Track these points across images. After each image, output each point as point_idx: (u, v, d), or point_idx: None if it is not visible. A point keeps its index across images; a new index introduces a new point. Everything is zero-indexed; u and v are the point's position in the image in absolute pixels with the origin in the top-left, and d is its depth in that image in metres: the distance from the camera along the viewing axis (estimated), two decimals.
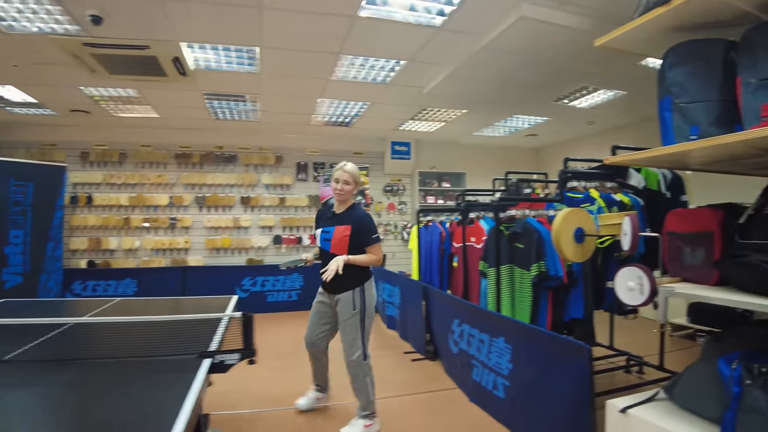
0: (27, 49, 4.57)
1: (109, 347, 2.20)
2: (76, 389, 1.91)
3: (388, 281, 6.55)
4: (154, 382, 1.94)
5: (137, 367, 2.11)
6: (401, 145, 8.47)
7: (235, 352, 2.25)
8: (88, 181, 7.71)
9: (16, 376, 1.97)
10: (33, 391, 1.83)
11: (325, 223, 3.33)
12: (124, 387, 1.90)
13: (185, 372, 1.97)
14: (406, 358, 5.13)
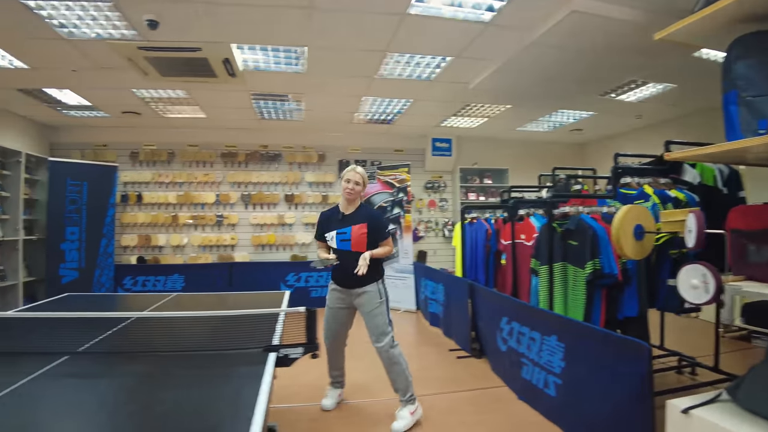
0: (85, 55, 4.78)
1: (176, 340, 2.26)
2: (152, 380, 1.98)
3: (432, 278, 6.58)
4: (227, 375, 1.99)
5: (206, 360, 2.17)
6: (442, 141, 8.48)
7: (299, 346, 2.29)
8: (138, 180, 8.01)
9: (91, 367, 2.06)
10: (110, 382, 1.90)
11: (338, 225, 3.42)
12: (197, 379, 1.96)
13: (253, 365, 2.02)
14: (450, 355, 5.14)
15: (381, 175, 7.71)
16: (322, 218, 3.58)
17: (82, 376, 1.94)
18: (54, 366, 2.01)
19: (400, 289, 7.53)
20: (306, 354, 2.34)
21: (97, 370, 2.02)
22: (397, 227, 7.52)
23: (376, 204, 7.72)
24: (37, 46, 4.60)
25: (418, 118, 7.38)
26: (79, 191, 7.14)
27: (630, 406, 2.69)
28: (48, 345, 2.20)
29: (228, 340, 2.32)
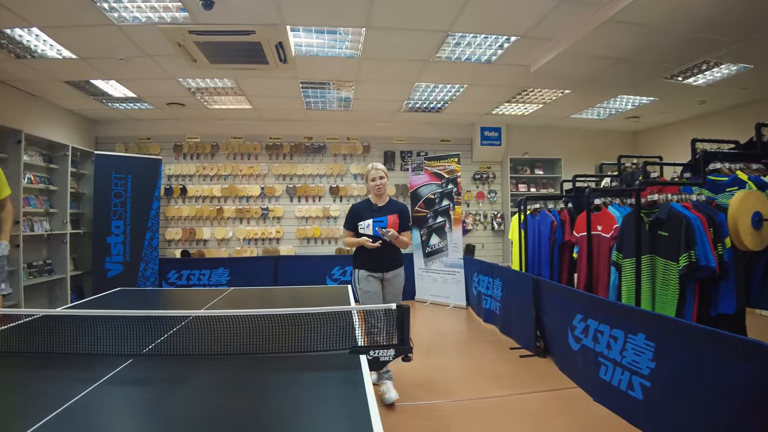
0: (134, 41, 4.70)
1: (246, 341, 2.06)
2: (229, 387, 1.81)
3: (487, 273, 6.32)
4: (316, 379, 1.81)
5: (291, 363, 1.97)
6: (491, 130, 8.18)
7: (390, 348, 2.09)
8: (182, 173, 7.98)
9: (158, 371, 1.90)
10: (183, 390, 1.73)
11: (374, 215, 3.85)
12: (283, 387, 1.76)
13: (344, 369, 1.85)
14: (512, 354, 4.89)
15: (429, 166, 7.48)
16: (355, 209, 3.97)
17: (149, 383, 1.78)
18: (118, 371, 1.84)
19: (450, 284, 7.31)
20: (398, 357, 2.13)
21: (164, 375, 1.86)
22: (446, 220, 7.29)
23: (424, 196, 7.51)
24: (86, 34, 4.54)
25: (469, 106, 7.11)
26: (123, 184, 7.14)
27: (743, 415, 2.41)
28: (108, 347, 2.04)
29: (307, 341, 2.10)
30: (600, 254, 4.29)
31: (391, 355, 2.09)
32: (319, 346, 2.08)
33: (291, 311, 2.25)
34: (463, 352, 5.08)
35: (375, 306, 2.32)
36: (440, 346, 5.29)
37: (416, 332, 5.95)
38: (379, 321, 2.27)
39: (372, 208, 3.88)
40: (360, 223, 3.82)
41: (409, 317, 2.16)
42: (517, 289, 5.33)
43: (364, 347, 2.09)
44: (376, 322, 2.29)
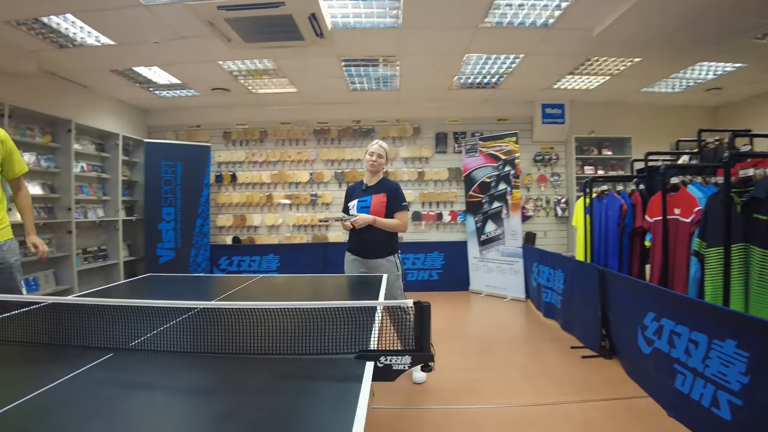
0: (165, 22, 4.50)
1: (238, 339, 1.72)
2: (199, 390, 1.47)
3: (548, 263, 5.69)
4: (306, 392, 1.41)
5: (279, 367, 1.60)
6: (553, 107, 7.40)
7: (406, 354, 1.62)
8: (232, 159, 7.87)
9: (135, 367, 1.60)
10: (145, 391, 1.43)
11: (360, 195, 3.61)
12: (257, 396, 1.41)
13: (342, 380, 1.45)
14: (574, 354, 4.31)
15: (483, 147, 6.89)
16: (347, 190, 3.80)
17: (116, 382, 1.46)
18: (89, 367, 1.54)
19: (507, 275, 6.72)
20: (416, 366, 1.68)
21: (137, 374, 1.55)
22: (503, 205, 6.69)
23: (478, 180, 6.94)
24: (118, 17, 4.39)
25: (527, 80, 6.42)
26: (173, 172, 7.09)
27: None
28: (91, 339, 1.76)
29: (308, 341, 1.69)
30: (678, 242, 3.60)
31: (407, 363, 1.61)
32: (318, 347, 1.67)
33: (291, 305, 1.85)
34: (518, 350, 4.55)
35: (388, 302, 1.90)
36: (493, 342, 4.79)
37: (468, 326, 5.48)
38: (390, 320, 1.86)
39: (361, 188, 3.68)
40: (350, 203, 3.67)
41: (430, 316, 1.70)
42: (580, 281, 4.71)
43: (375, 352, 1.64)
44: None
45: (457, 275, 7.29)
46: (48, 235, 5.75)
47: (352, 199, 3.65)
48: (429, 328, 1.68)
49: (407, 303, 1.76)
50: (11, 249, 2.96)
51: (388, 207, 3.51)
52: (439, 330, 5.24)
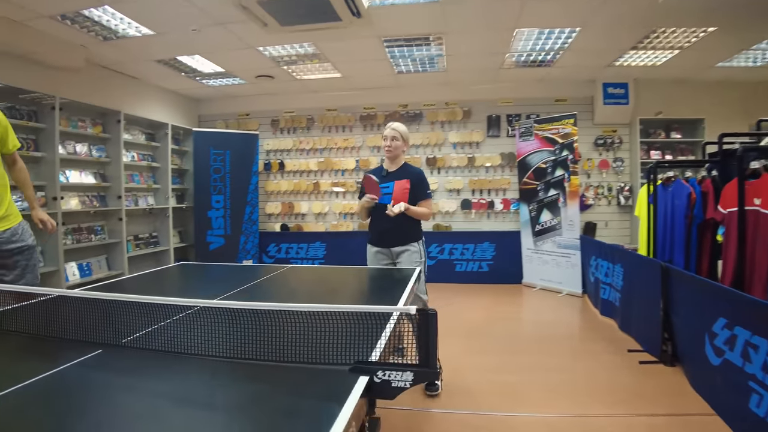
0: (199, 8, 4.36)
1: (231, 340, 1.55)
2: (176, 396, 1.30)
3: (606, 257, 5.14)
4: (277, 407, 1.21)
5: (260, 374, 1.41)
6: (616, 86, 6.67)
7: (407, 370, 1.33)
8: (280, 147, 7.79)
9: (118, 365, 1.48)
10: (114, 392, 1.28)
11: (381, 181, 3.31)
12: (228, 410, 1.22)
13: (323, 397, 1.21)
14: (630, 358, 3.82)
15: (539, 130, 6.35)
16: (365, 177, 3.44)
17: (96, 381, 1.35)
18: (73, 364, 1.44)
19: (563, 268, 6.20)
20: (419, 383, 1.36)
21: (116, 373, 1.42)
22: (560, 193, 6.15)
23: (533, 165, 6.41)
24: (152, 6, 4.32)
25: (585, 56, 5.79)
26: (222, 160, 7.09)
27: None
28: (86, 333, 1.67)
29: (298, 347, 1.46)
30: (757, 237, 3.04)
31: (408, 380, 1.32)
32: (308, 356, 1.44)
33: (282, 308, 1.59)
34: (565, 351, 4.09)
35: (384, 308, 1.59)
36: (538, 341, 4.38)
37: (514, 322, 5.06)
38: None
39: (381, 174, 3.40)
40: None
41: (436, 326, 1.39)
42: (641, 278, 4.18)
43: (372, 365, 1.37)
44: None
45: (508, 267, 6.82)
46: (100, 222, 5.87)
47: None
48: (435, 340, 1.38)
49: (410, 310, 1.46)
50: (26, 230, 2.91)
51: (413, 194, 3.29)
52: (481, 325, 4.91)
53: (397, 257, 3.31)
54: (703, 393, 3.09)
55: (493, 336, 4.50)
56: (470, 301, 5.94)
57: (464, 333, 4.62)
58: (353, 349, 1.42)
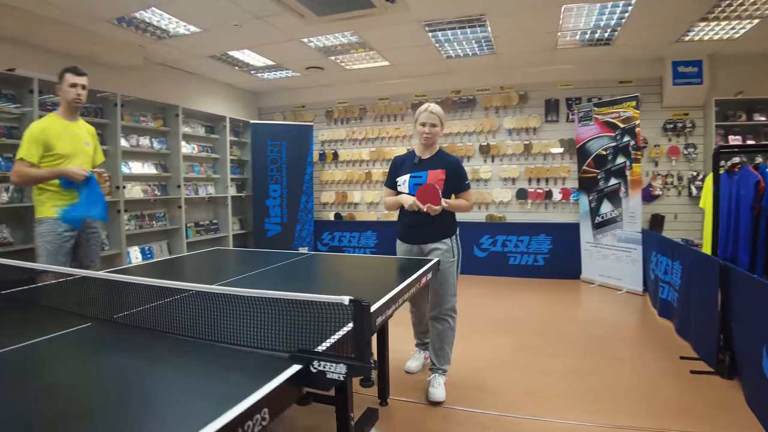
0: (236, 4, 4.38)
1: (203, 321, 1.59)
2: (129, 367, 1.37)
3: (666, 253, 4.58)
4: (201, 387, 1.22)
5: (203, 355, 1.42)
6: (687, 64, 5.87)
7: (341, 362, 1.26)
8: (334, 138, 7.79)
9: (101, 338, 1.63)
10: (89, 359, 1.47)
11: (412, 169, 2.99)
12: (160, 378, 1.29)
13: (248, 382, 1.16)
14: (681, 366, 3.37)
15: (599, 114, 5.78)
16: (394, 162, 3.15)
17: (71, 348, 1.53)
18: (65, 333, 1.62)
19: (623, 264, 5.65)
20: (353, 377, 1.33)
21: (101, 343, 1.59)
22: (621, 182, 5.58)
23: (593, 152, 5.87)
24: (193, 5, 4.42)
25: (648, 31, 5.13)
26: (278, 151, 7.21)
27: None
28: (85, 308, 1.84)
29: (249, 333, 1.44)
30: None
31: (342, 373, 1.26)
32: (257, 341, 1.41)
33: (235, 292, 1.59)
34: (611, 353, 3.67)
35: (317, 297, 1.46)
36: (585, 341, 3.99)
37: (562, 320, 4.65)
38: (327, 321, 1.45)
39: (413, 161, 3.01)
40: (398, 179, 3.04)
41: (370, 319, 1.35)
42: (698, 277, 3.68)
43: (310, 354, 1.31)
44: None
45: (566, 261, 6.32)
46: (161, 209, 6.14)
47: (401, 174, 3.03)
48: (370, 332, 1.38)
49: (342, 300, 1.38)
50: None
51: (450, 185, 2.93)
52: (525, 322, 4.56)
53: (428, 255, 2.98)
54: (757, 411, 2.64)
55: (536, 334, 4.17)
56: (520, 296, 5.61)
57: (505, 328, 4.34)
58: (297, 337, 1.37)
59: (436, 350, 3.05)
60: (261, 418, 1.07)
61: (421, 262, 2.82)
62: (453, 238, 3.00)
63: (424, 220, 2.90)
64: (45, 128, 3.08)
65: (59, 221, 3.10)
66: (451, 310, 3.03)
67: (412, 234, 3.03)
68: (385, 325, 2.77)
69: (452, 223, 3.03)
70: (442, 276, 2.94)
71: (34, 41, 4.70)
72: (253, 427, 1.03)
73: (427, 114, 2.93)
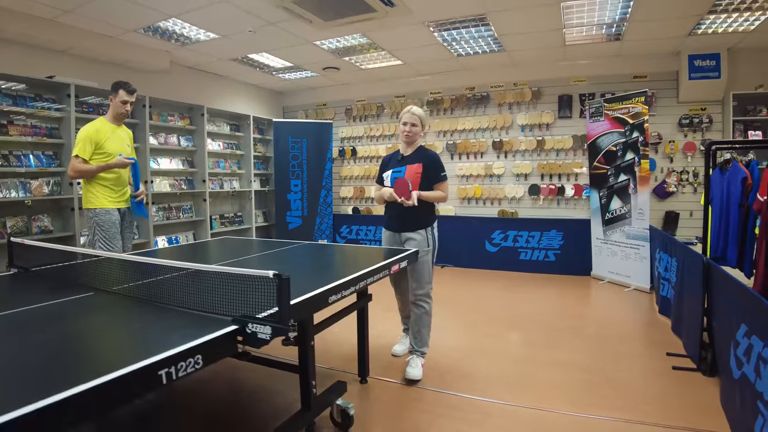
0: (246, 11, 4.58)
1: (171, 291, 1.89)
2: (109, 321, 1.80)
3: (666, 250, 4.47)
4: (152, 336, 1.57)
5: (162, 314, 1.75)
6: (704, 58, 5.63)
7: (267, 325, 1.51)
8: (353, 135, 7.92)
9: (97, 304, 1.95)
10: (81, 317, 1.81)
11: (396, 165, 3.24)
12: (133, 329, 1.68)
13: (189, 335, 1.41)
14: (665, 362, 3.32)
15: (609, 110, 5.66)
16: (383, 161, 3.42)
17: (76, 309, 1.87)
18: (71, 299, 1.96)
19: (632, 261, 5.52)
20: (276, 337, 1.54)
21: (94, 307, 1.91)
22: (630, 178, 5.46)
23: (603, 148, 5.75)
24: (208, 14, 4.65)
25: (659, 25, 4.95)
26: (299, 147, 7.41)
27: None
28: (91, 281, 2.21)
29: (210, 302, 1.71)
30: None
31: (268, 333, 1.51)
32: (211, 306, 1.69)
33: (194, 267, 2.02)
34: (602, 348, 3.64)
35: (248, 271, 1.70)
36: (582, 336, 3.96)
37: (566, 316, 4.58)
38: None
39: (397, 158, 3.28)
40: (384, 174, 3.29)
41: (288, 288, 1.55)
42: (689, 274, 3.58)
43: (247, 319, 1.56)
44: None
45: (577, 258, 6.22)
46: (188, 202, 6.47)
47: (387, 170, 3.28)
48: (288, 300, 1.55)
49: (268, 274, 1.60)
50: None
51: (426, 178, 3.12)
52: (524, 316, 4.56)
53: (404, 243, 3.19)
54: (727, 410, 2.59)
55: (535, 328, 4.17)
56: (527, 291, 5.55)
57: (505, 321, 4.39)
58: (242, 305, 1.62)
59: (414, 333, 3.24)
60: (194, 362, 1.32)
61: (394, 252, 2.99)
62: (428, 230, 3.17)
63: (401, 211, 3.13)
64: (98, 130, 3.55)
65: (111, 211, 3.61)
66: (426, 296, 3.20)
67: (392, 223, 3.27)
68: (364, 308, 2.99)
69: (428, 216, 3.20)
70: (418, 264, 3.10)
71: (74, 51, 5.10)
72: (186, 367, 1.29)
73: (408, 114, 3.17)
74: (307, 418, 2.27)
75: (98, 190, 3.59)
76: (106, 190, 3.61)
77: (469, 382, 3.03)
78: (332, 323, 2.60)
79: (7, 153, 4.55)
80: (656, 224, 5.97)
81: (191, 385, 3.01)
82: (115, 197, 3.65)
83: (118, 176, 3.66)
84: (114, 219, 3.60)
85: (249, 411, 2.68)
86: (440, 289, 5.59)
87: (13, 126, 4.58)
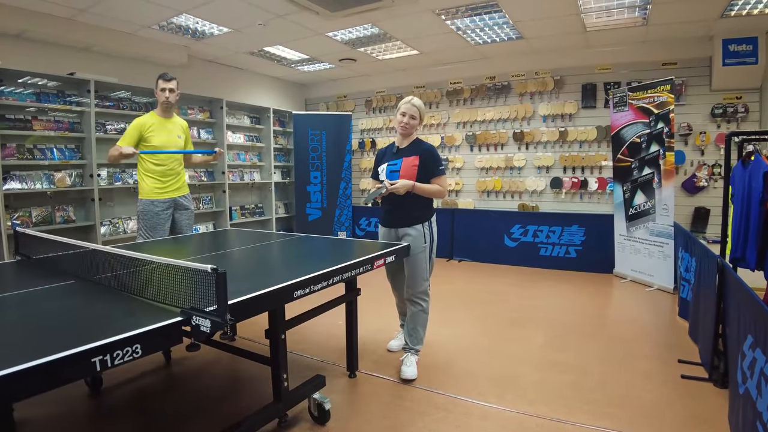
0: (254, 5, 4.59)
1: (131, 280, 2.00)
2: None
3: (687, 249, 4.19)
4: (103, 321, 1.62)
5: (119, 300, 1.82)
6: (740, 42, 5.16)
7: (207, 318, 1.51)
8: (372, 126, 7.85)
9: (75, 291, 2.02)
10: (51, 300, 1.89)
11: (391, 158, 3.11)
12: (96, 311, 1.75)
13: (138, 323, 1.45)
14: (675, 369, 3.09)
15: (633, 99, 5.36)
16: (378, 154, 3.29)
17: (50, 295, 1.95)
18: (52, 287, 2.06)
19: (655, 259, 5.24)
20: (216, 331, 1.56)
21: (67, 294, 1.98)
22: (654, 172, 5.18)
23: (627, 140, 5.46)
24: (218, 9, 4.67)
25: (686, 6, 4.56)
26: (319, 140, 7.41)
27: None
28: (78, 271, 2.27)
29: (163, 292, 1.74)
30: None
31: (208, 327, 1.51)
32: (165, 297, 1.72)
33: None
34: (613, 351, 3.44)
35: (191, 264, 1.68)
36: (591, 337, 3.76)
37: (579, 315, 4.37)
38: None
39: (392, 151, 3.13)
40: (379, 168, 3.15)
41: (225, 283, 1.52)
42: (705, 275, 3.33)
43: (194, 311, 1.56)
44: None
45: (599, 254, 5.95)
46: (209, 193, 6.59)
47: (382, 163, 3.14)
48: (225, 294, 1.53)
49: (206, 269, 1.58)
50: (190, 199, 4.06)
51: (423, 171, 2.99)
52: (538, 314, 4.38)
53: (401, 240, 3.06)
54: (732, 426, 2.36)
55: (546, 327, 4.01)
56: (544, 288, 5.33)
57: (516, 320, 4.21)
58: (193, 297, 1.61)
59: (409, 330, 3.15)
60: (132, 350, 1.34)
61: (383, 246, 2.92)
62: (425, 225, 3.04)
63: (397, 206, 3.03)
64: (143, 123, 3.69)
65: (156, 202, 3.74)
66: (423, 294, 3.09)
67: (388, 218, 3.13)
68: (353, 302, 2.95)
69: (426, 211, 3.07)
70: (414, 260, 3.00)
71: (95, 48, 5.25)
72: (123, 355, 1.31)
73: (408, 105, 3.02)
74: (278, 409, 2.27)
75: (146, 182, 3.74)
76: (153, 182, 3.75)
77: (458, 381, 2.93)
78: (312, 317, 2.58)
79: (31, 147, 4.74)
80: (685, 220, 5.64)
81: (186, 373, 3.08)
82: (162, 188, 3.77)
83: (165, 168, 3.77)
84: (157, 210, 3.74)
85: (228, 402, 2.69)
86: (451, 284, 5.52)
87: (37, 121, 4.78)
